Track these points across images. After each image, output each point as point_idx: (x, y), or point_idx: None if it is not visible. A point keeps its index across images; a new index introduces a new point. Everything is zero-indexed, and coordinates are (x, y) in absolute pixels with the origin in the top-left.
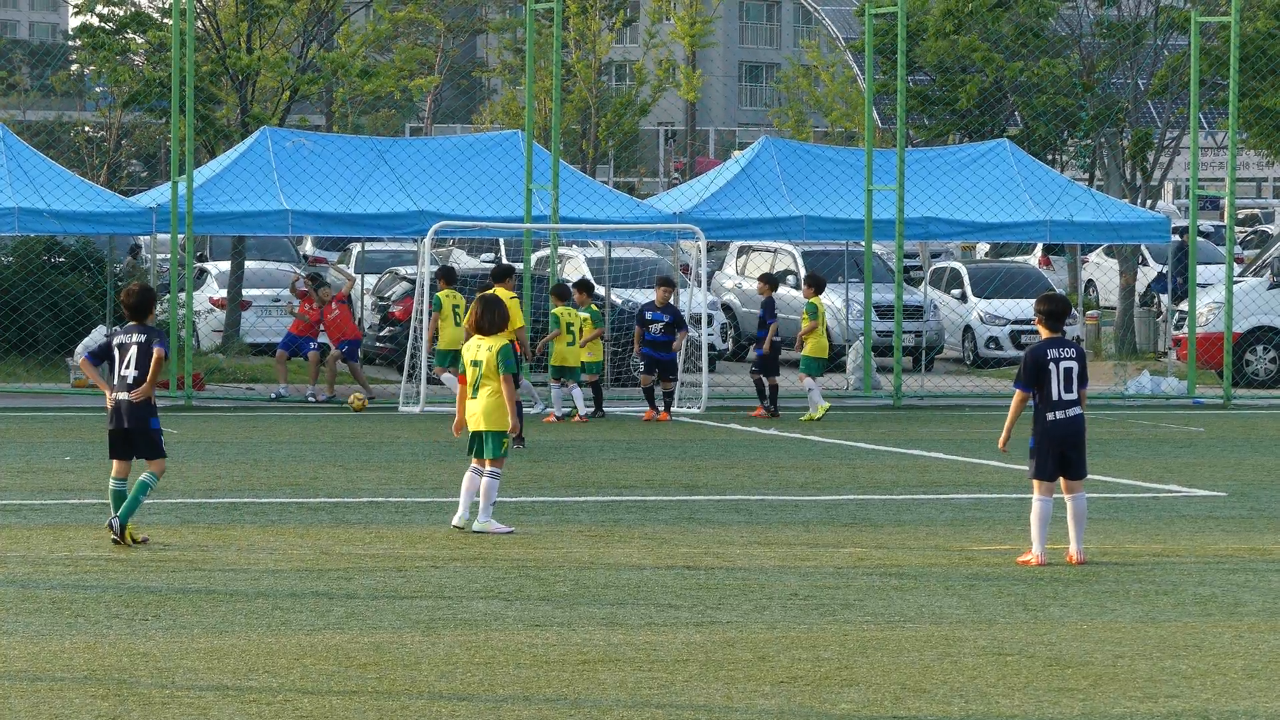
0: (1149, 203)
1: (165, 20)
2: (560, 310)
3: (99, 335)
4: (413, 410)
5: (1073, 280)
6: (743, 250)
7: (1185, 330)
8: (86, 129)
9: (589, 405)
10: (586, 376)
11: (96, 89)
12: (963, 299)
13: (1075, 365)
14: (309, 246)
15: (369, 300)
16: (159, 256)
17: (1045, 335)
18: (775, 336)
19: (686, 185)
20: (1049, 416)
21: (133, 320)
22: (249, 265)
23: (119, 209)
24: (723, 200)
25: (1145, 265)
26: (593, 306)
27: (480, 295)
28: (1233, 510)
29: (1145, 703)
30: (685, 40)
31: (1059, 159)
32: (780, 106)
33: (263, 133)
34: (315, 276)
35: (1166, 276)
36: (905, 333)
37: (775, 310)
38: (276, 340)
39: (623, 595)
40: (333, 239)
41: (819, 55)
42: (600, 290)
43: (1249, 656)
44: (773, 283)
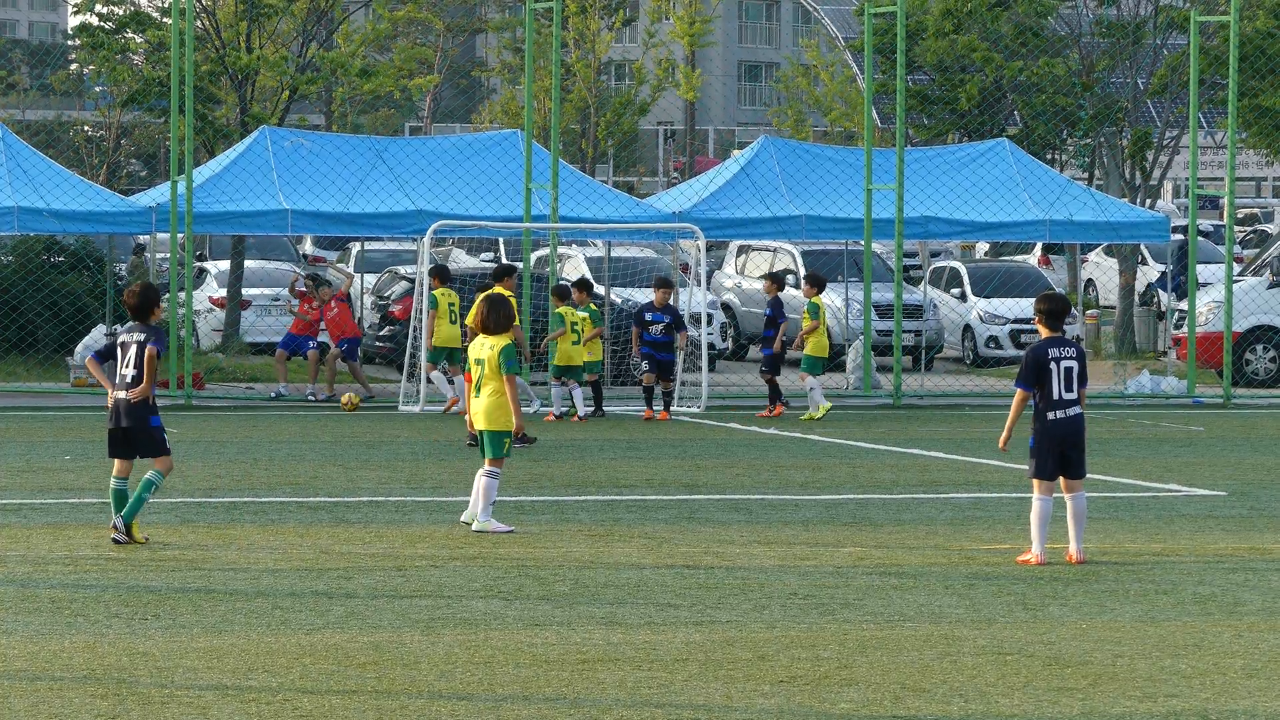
0: (1148, 202)
1: (164, 20)
2: (564, 309)
3: (99, 335)
4: (412, 409)
5: (1072, 279)
6: (742, 250)
7: (1185, 330)
8: (86, 128)
9: (589, 405)
10: (587, 376)
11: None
12: (962, 298)
13: (1075, 365)
14: (308, 246)
15: (369, 300)
16: (158, 256)
17: (1045, 334)
18: (784, 336)
19: (686, 185)
20: (1049, 416)
21: (135, 319)
22: (248, 264)
23: (119, 208)
24: (722, 200)
25: (1145, 265)
26: (591, 306)
27: (485, 294)
28: (1232, 510)
29: (1144, 702)
30: (684, 40)
31: (1058, 158)
32: (779, 106)
33: (262, 132)
34: (314, 277)
35: (1173, 275)
36: (905, 332)
37: (784, 309)
38: (276, 339)
39: (622, 594)
40: (332, 238)
41: (818, 55)
42: (600, 290)
43: (1248, 656)
44: (779, 282)
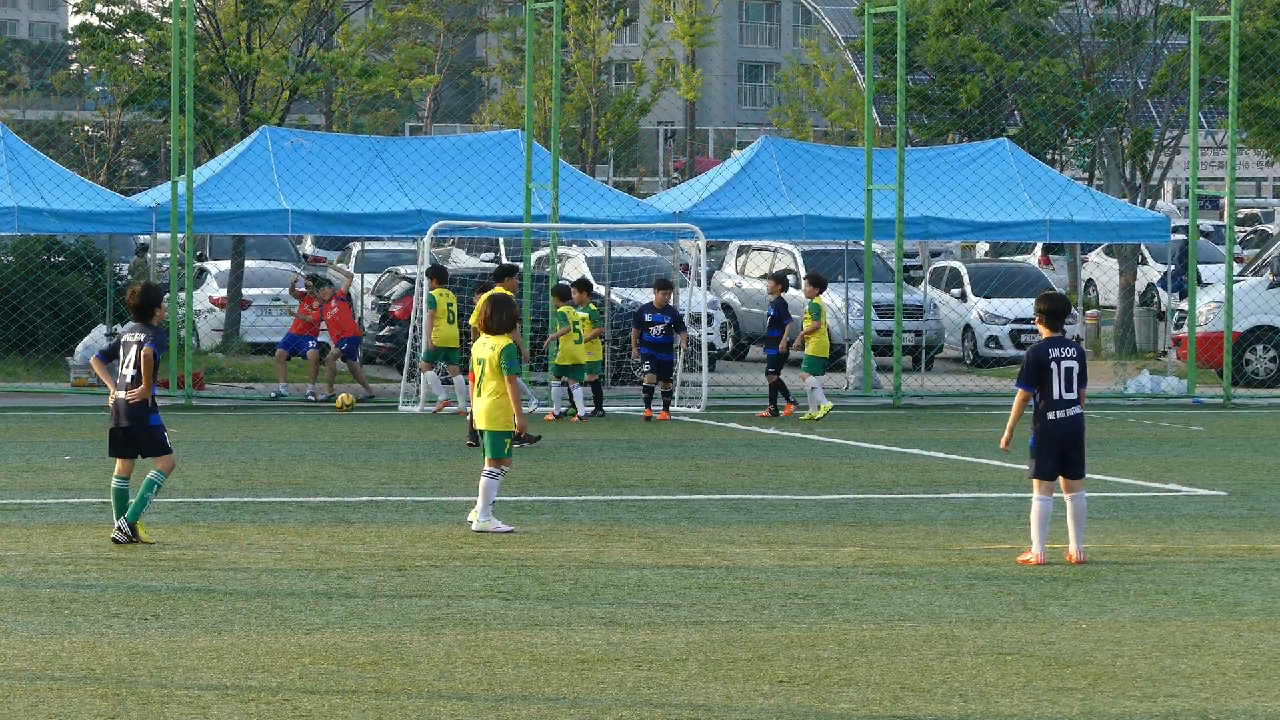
0: (1148, 202)
1: (165, 19)
2: (566, 309)
3: (99, 335)
4: (412, 409)
5: (1072, 279)
6: (742, 250)
7: (1185, 329)
8: (86, 128)
9: (589, 405)
10: (587, 376)
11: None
12: (962, 298)
13: (1076, 365)
14: (309, 246)
15: (369, 300)
16: (158, 256)
17: (1046, 334)
18: (788, 337)
19: (686, 185)
20: (1049, 416)
21: (136, 320)
22: (249, 264)
23: (119, 208)
24: (722, 200)
25: (1145, 264)
26: (591, 306)
27: (490, 295)
28: (1232, 510)
29: (1144, 702)
30: (685, 40)
31: (1059, 158)
32: (780, 106)
33: (262, 132)
34: (314, 277)
35: (1174, 275)
36: (905, 332)
37: (789, 310)
38: (276, 339)
39: (622, 594)
40: (332, 238)
41: (818, 55)
42: (600, 290)
43: (1248, 656)
44: (783, 282)
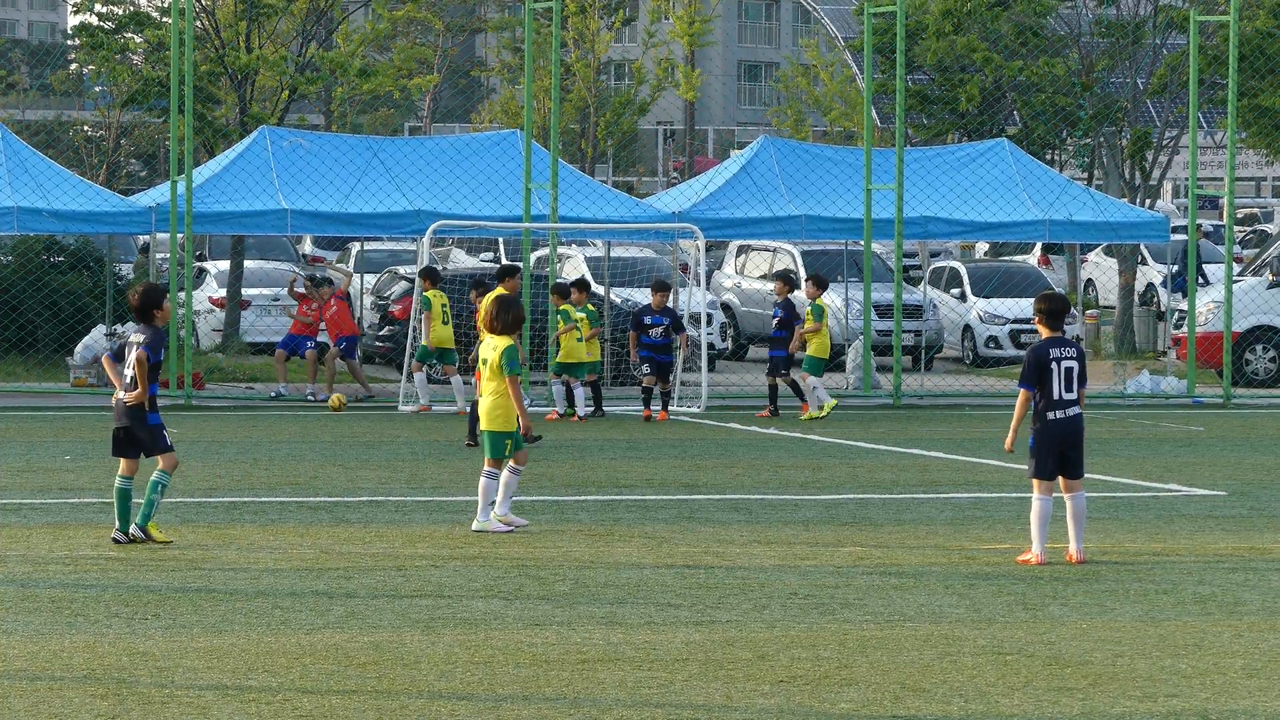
0: (1148, 202)
1: (164, 19)
2: (567, 306)
3: (98, 335)
4: (413, 408)
5: (1072, 279)
6: (742, 249)
7: (1185, 329)
8: (85, 128)
9: (588, 405)
10: (586, 376)
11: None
12: (962, 298)
13: (1076, 365)
14: (308, 246)
15: (368, 300)
16: (158, 256)
17: (1045, 334)
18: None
19: (685, 184)
20: (1049, 416)
21: (138, 320)
22: (248, 264)
23: (118, 208)
24: (721, 199)
25: (1145, 264)
26: (589, 306)
27: (496, 295)
28: (1232, 509)
29: (1144, 702)
30: (684, 39)
31: (1058, 158)
32: (779, 106)
33: (261, 132)
34: (313, 277)
35: (1178, 276)
36: (905, 332)
37: (797, 311)
38: (276, 339)
39: (622, 594)
40: (332, 238)
41: (818, 54)
42: (599, 290)
43: (1248, 656)
44: (791, 283)
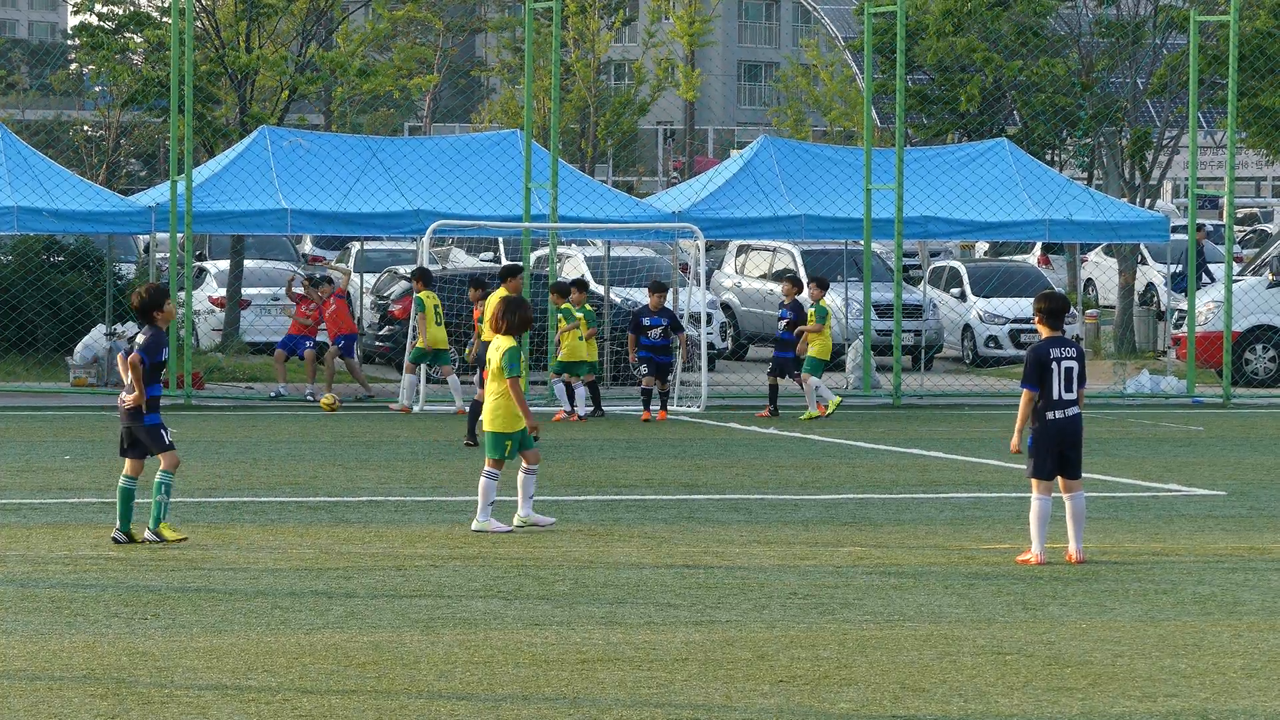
0: (1148, 202)
1: (164, 19)
2: (568, 305)
3: (98, 334)
4: (395, 408)
5: (1072, 279)
6: (742, 249)
7: (1184, 329)
8: (85, 128)
9: (588, 405)
10: (585, 375)
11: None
12: (962, 298)
13: (1075, 365)
14: (308, 245)
15: (368, 299)
16: (158, 256)
17: (1045, 334)
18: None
19: (685, 184)
20: (1048, 415)
21: (140, 321)
22: (248, 264)
23: (118, 208)
24: (721, 199)
25: (1144, 264)
26: (587, 306)
27: (505, 296)
28: (1232, 509)
29: (1144, 702)
30: (684, 39)
31: (1058, 158)
32: (779, 106)
33: (261, 132)
34: (311, 278)
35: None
36: (905, 332)
37: (805, 313)
38: (276, 339)
39: (622, 594)
40: (332, 238)
41: (818, 54)
42: (599, 289)
43: (1248, 655)
44: (799, 285)
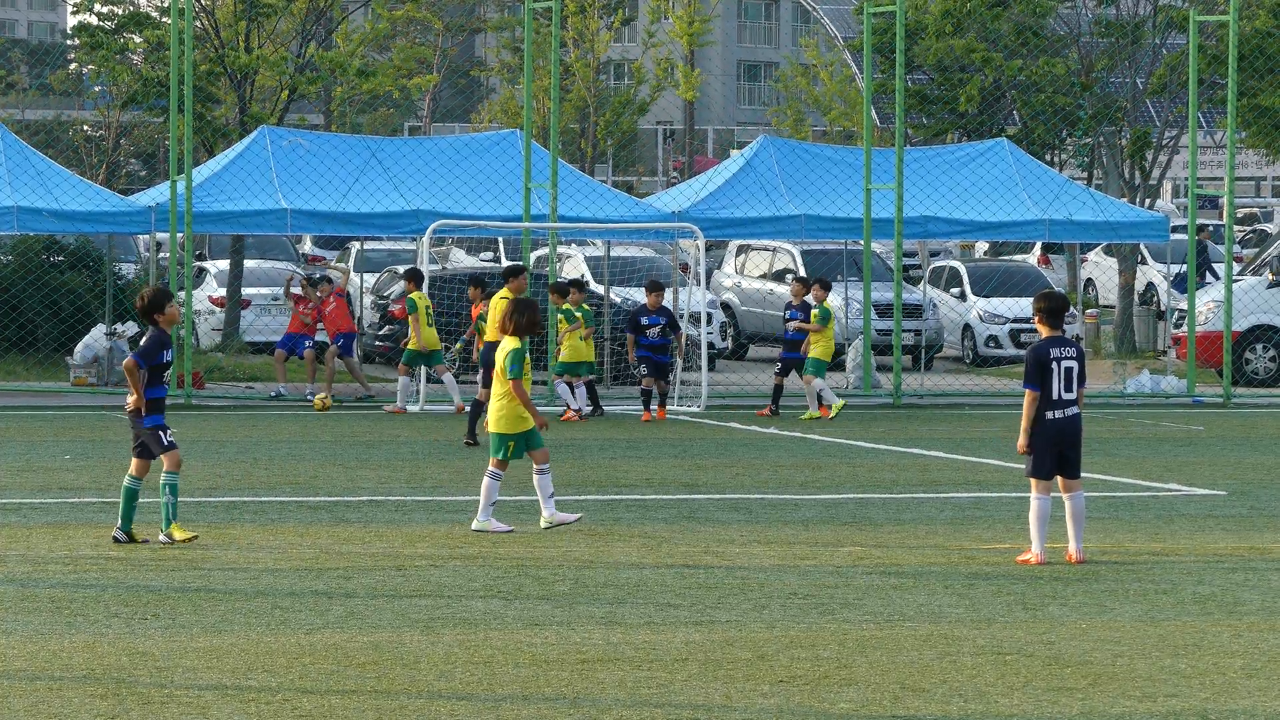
0: (1148, 202)
1: (164, 19)
2: (568, 305)
3: (98, 334)
4: (412, 409)
5: (1072, 279)
6: (741, 249)
7: (1185, 329)
8: (85, 128)
9: (587, 405)
10: (585, 375)
11: (95, 88)
12: (962, 298)
13: (1075, 365)
14: (308, 245)
15: (368, 299)
16: (160, 256)
17: (1045, 333)
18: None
19: (685, 184)
20: (1048, 415)
21: (145, 324)
22: (248, 264)
23: (118, 208)
24: (721, 199)
25: (1144, 264)
26: (585, 306)
27: (515, 297)
28: (1232, 509)
29: (1144, 702)
30: (684, 39)
31: (1058, 158)
32: (779, 105)
33: (261, 132)
34: (310, 278)
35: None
36: (905, 331)
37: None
38: (276, 339)
39: (622, 594)
40: (332, 238)
41: (818, 54)
42: (599, 289)
43: (1248, 655)
44: (808, 285)
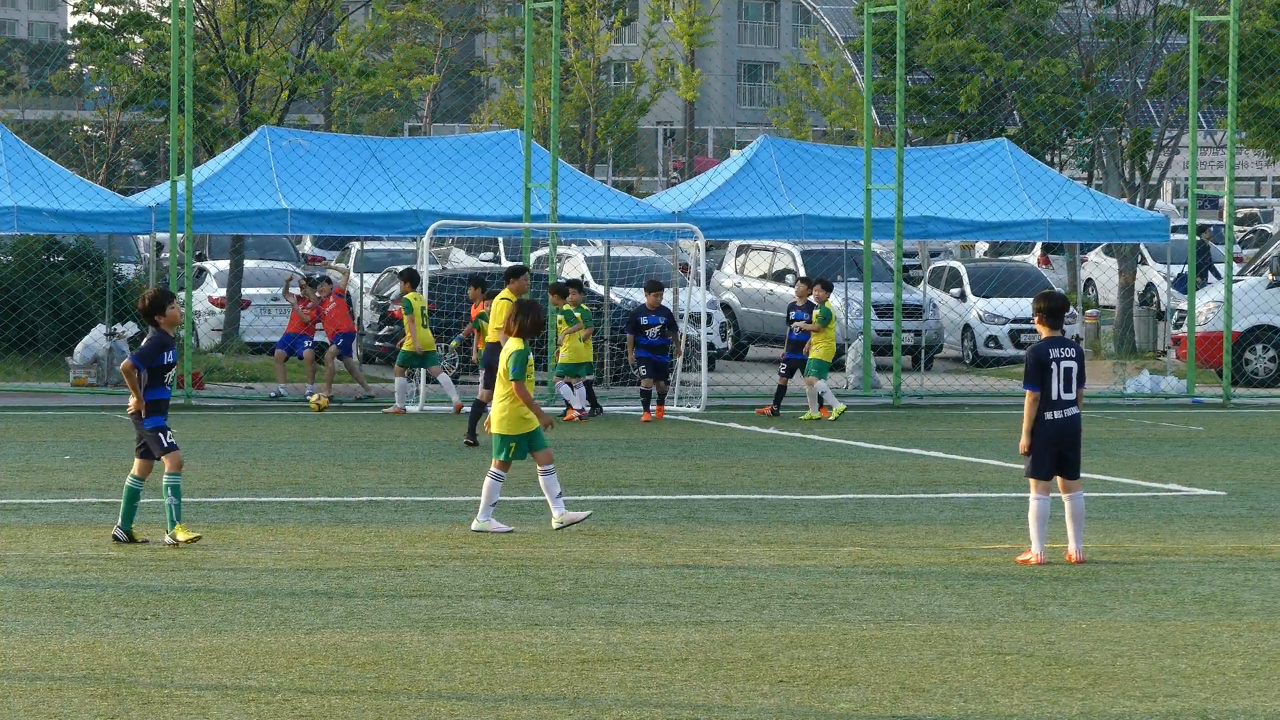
0: (1148, 202)
1: (164, 19)
2: (568, 307)
3: (98, 334)
4: (412, 409)
5: (1072, 279)
6: (741, 249)
7: (1184, 329)
8: (85, 128)
9: (586, 405)
10: (585, 375)
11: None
12: (962, 298)
13: (1075, 365)
14: (308, 245)
15: (368, 299)
16: (159, 256)
17: (1045, 333)
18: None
19: (685, 184)
20: (1047, 416)
21: (148, 325)
22: (248, 264)
23: (118, 208)
24: (721, 199)
25: (1144, 264)
26: (583, 306)
27: (519, 299)
28: (1232, 509)
29: (1144, 702)
30: (684, 39)
31: (1058, 158)
32: (779, 105)
33: (261, 132)
34: (309, 278)
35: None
36: (905, 332)
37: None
38: (275, 339)
39: (622, 594)
40: (332, 238)
41: (818, 54)
42: (599, 289)
43: (1248, 656)
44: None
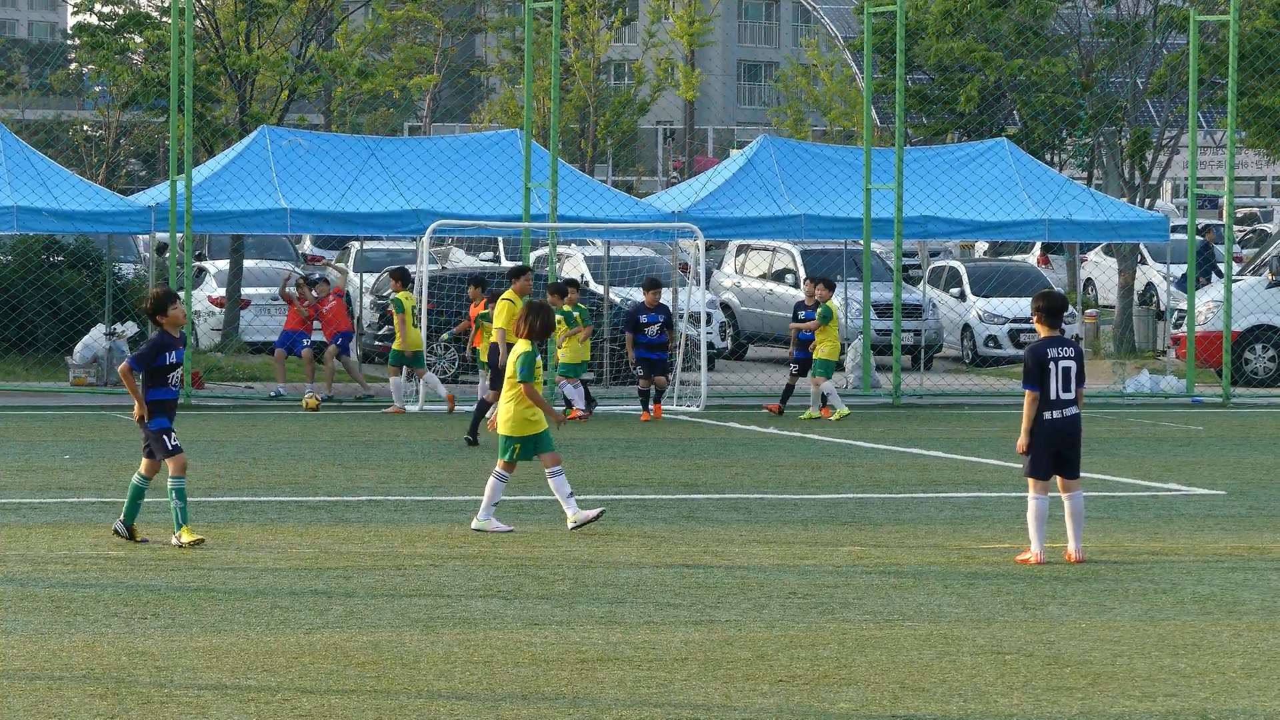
0: (1148, 202)
1: (164, 19)
2: (568, 307)
3: (98, 334)
4: (411, 408)
5: (1071, 279)
6: (741, 249)
7: (1184, 329)
8: (85, 128)
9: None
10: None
11: (95, 88)
12: (961, 298)
13: (1074, 365)
14: (307, 245)
15: (368, 299)
16: (160, 257)
17: (1044, 333)
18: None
19: (685, 184)
20: (1046, 415)
21: (151, 326)
22: (247, 264)
23: (118, 208)
24: (721, 199)
25: (1144, 264)
26: (581, 306)
27: (529, 301)
28: (1231, 509)
29: (1144, 701)
30: (684, 39)
31: (1058, 158)
32: (779, 105)
33: (261, 132)
34: (307, 278)
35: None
36: (904, 331)
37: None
38: (275, 338)
39: (621, 594)
40: (332, 238)
41: (818, 54)
42: (599, 289)
43: (1248, 655)
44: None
